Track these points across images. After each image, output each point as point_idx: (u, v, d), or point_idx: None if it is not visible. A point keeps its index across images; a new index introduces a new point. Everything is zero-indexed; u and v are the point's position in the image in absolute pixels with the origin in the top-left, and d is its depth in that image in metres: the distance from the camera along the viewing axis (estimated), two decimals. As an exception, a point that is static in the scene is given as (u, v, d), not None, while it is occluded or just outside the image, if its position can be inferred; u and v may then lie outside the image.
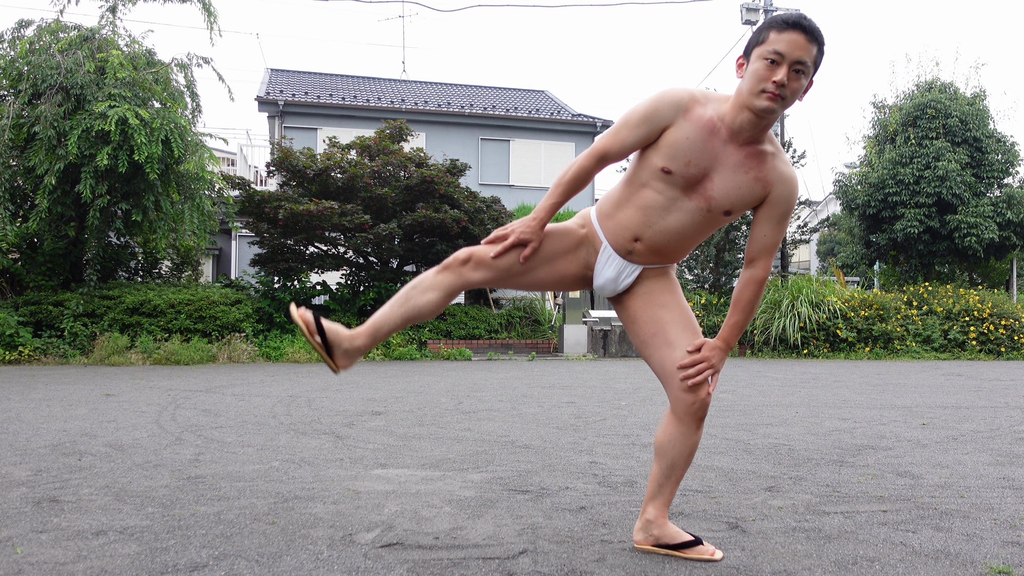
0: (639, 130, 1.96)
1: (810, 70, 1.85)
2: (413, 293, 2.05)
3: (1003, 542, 2.18)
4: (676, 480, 2.09)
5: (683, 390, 2.01)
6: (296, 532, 2.26)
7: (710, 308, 13.15)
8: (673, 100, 1.94)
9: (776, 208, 2.00)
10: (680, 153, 1.94)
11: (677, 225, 2.01)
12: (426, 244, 12.31)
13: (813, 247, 27.61)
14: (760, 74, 1.84)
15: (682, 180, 1.96)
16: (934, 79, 15.79)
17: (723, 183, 1.96)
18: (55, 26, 10.58)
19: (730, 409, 5.37)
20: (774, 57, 1.83)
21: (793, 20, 1.83)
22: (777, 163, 1.98)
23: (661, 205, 2.00)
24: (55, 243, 10.70)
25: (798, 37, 1.82)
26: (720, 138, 1.93)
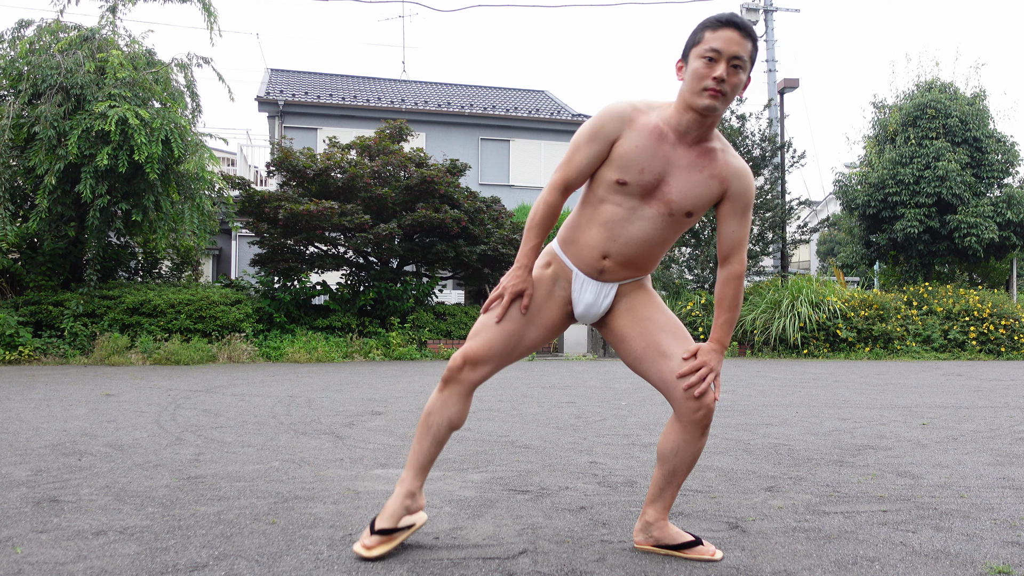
0: (591, 150, 1.99)
1: (747, 64, 1.91)
2: (432, 420, 2.07)
3: (1003, 542, 2.18)
4: (678, 485, 2.08)
5: (688, 399, 1.99)
6: (296, 532, 2.26)
7: (710, 308, 13.15)
8: (616, 113, 1.97)
9: (737, 202, 2.03)
10: (632, 163, 1.96)
11: (642, 234, 2.02)
12: (426, 244, 12.32)
13: (813, 247, 27.61)
14: (700, 73, 1.89)
15: (639, 189, 1.98)
16: (934, 79, 15.79)
17: (679, 185, 1.98)
18: (55, 26, 10.58)
19: (730, 409, 5.37)
20: (712, 55, 1.87)
21: (726, 19, 1.89)
22: (728, 158, 2.01)
23: (622, 217, 2.02)
24: (55, 243, 10.70)
25: (732, 34, 1.87)
26: (669, 142, 1.96)
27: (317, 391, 6.47)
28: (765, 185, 14.16)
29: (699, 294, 13.36)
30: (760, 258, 14.03)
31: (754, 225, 14.04)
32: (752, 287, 13.74)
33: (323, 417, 4.84)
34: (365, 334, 11.68)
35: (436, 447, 2.08)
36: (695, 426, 2.01)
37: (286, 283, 12.12)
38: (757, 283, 13.86)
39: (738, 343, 12.78)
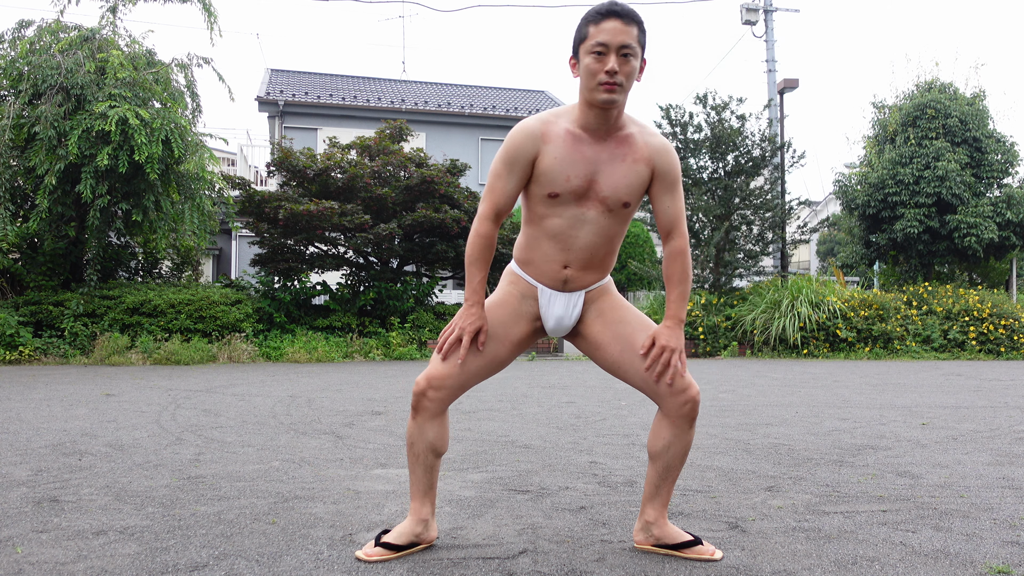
0: (512, 176, 2.00)
1: (637, 50, 1.91)
2: (416, 449, 2.07)
3: (1003, 542, 2.18)
4: (672, 481, 2.09)
5: (672, 393, 2.00)
6: (296, 532, 2.26)
7: (710, 308, 13.15)
8: (527, 133, 1.98)
9: (665, 178, 2.04)
10: (557, 174, 1.98)
11: (591, 236, 2.04)
12: (426, 244, 12.32)
13: (813, 247, 27.61)
14: (591, 68, 1.90)
15: (571, 196, 2.00)
16: (934, 79, 15.79)
17: (608, 180, 2.00)
18: (55, 26, 10.58)
19: (730, 409, 5.37)
20: (599, 49, 1.89)
21: (606, 9, 1.90)
22: (647, 138, 2.03)
23: (567, 226, 2.03)
24: (55, 243, 10.71)
25: (615, 24, 1.88)
26: (585, 142, 1.99)
27: (317, 391, 6.47)
28: (765, 185, 14.15)
29: (699, 294, 13.35)
30: (760, 258, 14.02)
31: (754, 225, 14.03)
32: (752, 287, 13.74)
33: (323, 417, 4.84)
34: (365, 334, 11.68)
35: (430, 473, 2.09)
36: (683, 419, 2.01)
37: (286, 283, 12.12)
38: (757, 283, 13.85)
39: (738, 343, 12.78)
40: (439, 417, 2.06)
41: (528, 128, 1.99)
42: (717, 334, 12.83)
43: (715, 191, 13.82)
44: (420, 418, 2.05)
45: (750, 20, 16.69)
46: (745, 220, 13.93)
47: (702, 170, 14.02)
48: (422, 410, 2.04)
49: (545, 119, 2.01)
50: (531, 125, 1.99)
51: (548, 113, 2.03)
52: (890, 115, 15.67)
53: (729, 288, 13.90)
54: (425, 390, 2.03)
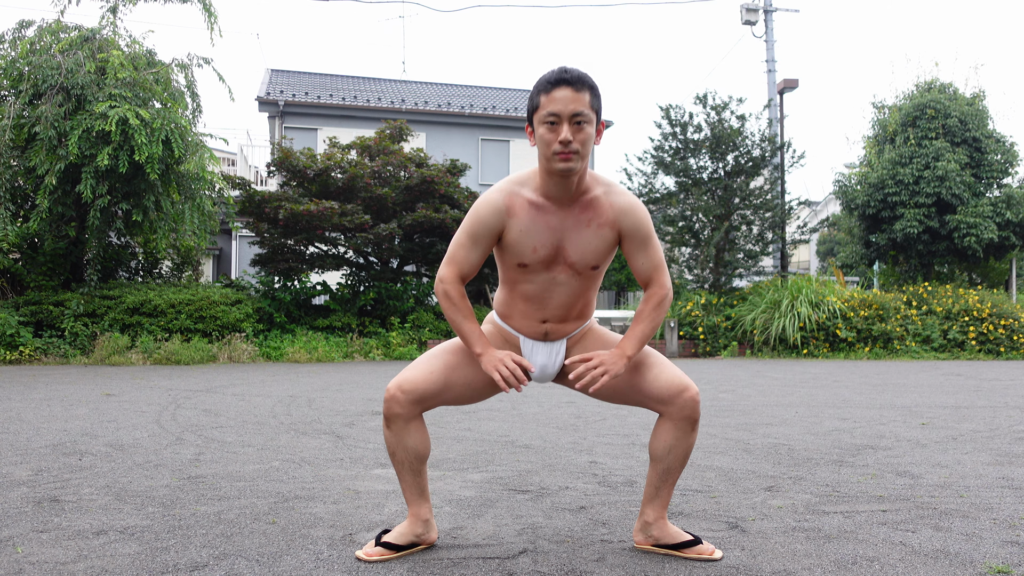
0: (476, 248, 2.01)
1: (591, 116, 1.88)
2: (399, 457, 2.06)
3: (1002, 542, 2.18)
4: (672, 483, 2.09)
5: (670, 400, 2.00)
6: (296, 532, 2.27)
7: (710, 308, 13.15)
8: (492, 209, 1.98)
9: (635, 237, 2.02)
10: (524, 246, 1.99)
11: (565, 296, 2.06)
12: (426, 244, 12.32)
13: (813, 247, 27.61)
14: (546, 139, 1.89)
15: (540, 264, 2.01)
16: (933, 79, 15.79)
17: (574, 247, 2.00)
18: (56, 26, 10.59)
19: (730, 409, 5.37)
20: (552, 119, 1.87)
21: (555, 78, 1.87)
22: (611, 199, 2.00)
23: (540, 289, 2.05)
24: (56, 243, 10.71)
25: (566, 92, 1.86)
26: (549, 211, 1.98)
27: (317, 391, 6.47)
28: (765, 185, 14.16)
29: (699, 294, 13.36)
30: (760, 258, 14.03)
31: (754, 225, 14.04)
32: (752, 287, 13.74)
33: (323, 417, 4.84)
34: (365, 334, 11.69)
35: (418, 476, 2.09)
36: (684, 421, 2.02)
37: (286, 283, 12.13)
38: (757, 283, 13.85)
39: (738, 343, 12.78)
40: (414, 422, 2.04)
41: (493, 203, 1.98)
42: (717, 334, 12.83)
43: (715, 191, 13.82)
44: (395, 426, 2.03)
45: (750, 20, 16.70)
46: (745, 220, 13.93)
47: (702, 170, 14.02)
48: (394, 417, 2.02)
49: (509, 190, 1.99)
50: (496, 200, 1.98)
51: (511, 182, 2.02)
52: (890, 115, 15.67)
53: (729, 288, 13.90)
54: (395, 394, 2.00)
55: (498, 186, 2.03)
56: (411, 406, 2.02)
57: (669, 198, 14.10)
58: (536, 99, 1.91)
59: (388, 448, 2.07)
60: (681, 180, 13.99)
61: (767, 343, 12.49)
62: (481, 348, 2.00)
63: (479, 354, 2.00)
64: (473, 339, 2.01)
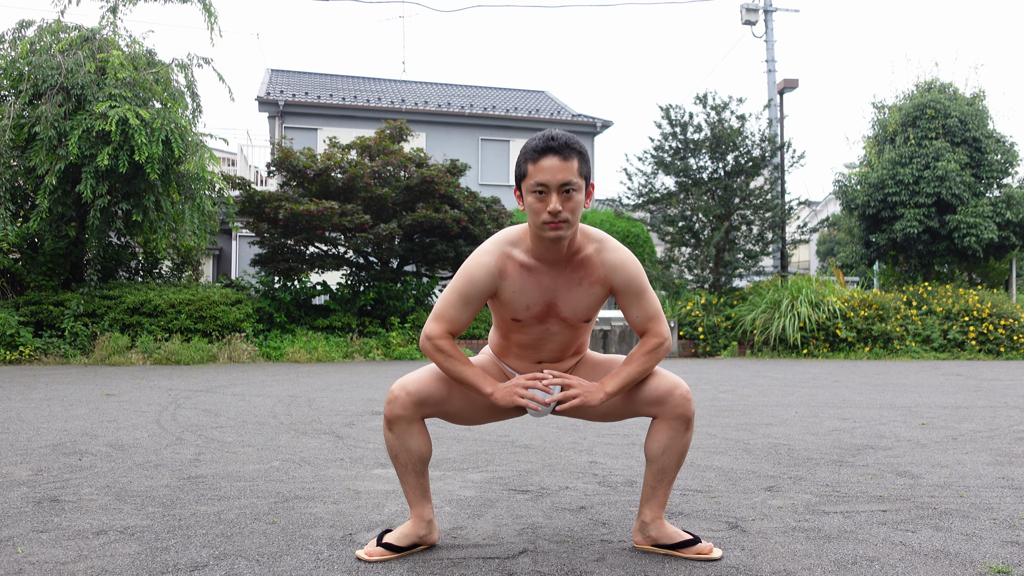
0: (467, 308, 2.01)
1: (580, 183, 1.88)
2: (401, 459, 2.06)
3: (1002, 542, 2.18)
4: (668, 482, 2.09)
5: (662, 401, 2.02)
6: (296, 532, 2.27)
7: (710, 308, 13.15)
8: (485, 272, 1.98)
9: (627, 291, 2.02)
10: (517, 304, 2.01)
11: (558, 342, 2.10)
12: (426, 244, 12.32)
13: (813, 247, 27.61)
14: (535, 207, 1.88)
15: (533, 318, 2.03)
16: (933, 79, 15.79)
17: (566, 304, 2.02)
18: (56, 26, 10.59)
19: (730, 409, 5.37)
20: (540, 189, 1.86)
21: (543, 146, 1.85)
22: (603, 257, 2.00)
23: (534, 339, 2.09)
24: (56, 243, 10.71)
25: (553, 162, 1.84)
26: (540, 272, 1.99)
27: (317, 391, 6.47)
28: (765, 185, 14.16)
29: (699, 294, 13.36)
30: (760, 258, 14.03)
31: (754, 225, 14.04)
32: (752, 287, 13.74)
33: (323, 417, 4.84)
34: (365, 334, 11.69)
35: (420, 478, 2.09)
36: (678, 420, 2.03)
37: (286, 283, 12.13)
38: (757, 283, 13.85)
39: (738, 343, 12.78)
40: (416, 424, 2.04)
41: (486, 266, 1.98)
42: (717, 334, 12.83)
43: (715, 191, 13.82)
44: (397, 428, 2.03)
45: (750, 20, 16.70)
46: (745, 220, 13.93)
47: (702, 170, 14.02)
48: (396, 419, 2.01)
49: (502, 251, 2.00)
50: (488, 263, 1.98)
51: (504, 241, 2.01)
52: (890, 115, 15.67)
53: (729, 288, 13.90)
54: (398, 395, 2.01)
55: (490, 247, 2.01)
56: (414, 408, 2.02)
57: (669, 198, 14.10)
58: (524, 167, 1.89)
59: (390, 451, 2.07)
60: (681, 180, 13.99)
61: (767, 343, 12.49)
62: (490, 387, 2.00)
63: (490, 393, 1.99)
64: (478, 382, 2.00)
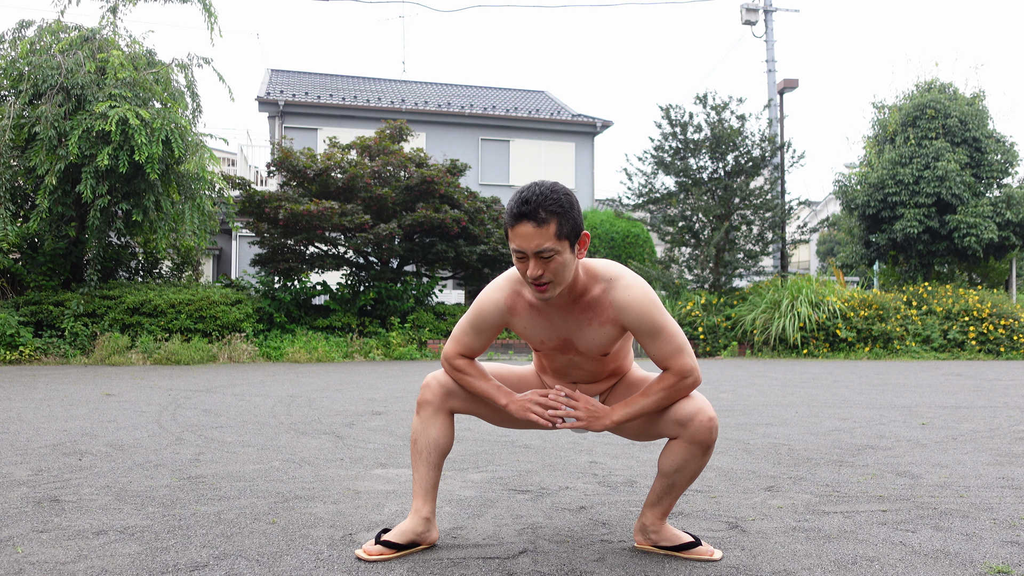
0: (479, 337, 2.06)
1: (558, 246, 1.80)
2: (419, 445, 2.08)
3: (1002, 542, 2.18)
4: (676, 496, 2.07)
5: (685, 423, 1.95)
6: (296, 532, 2.27)
7: (710, 308, 13.15)
8: (494, 308, 2.01)
9: (640, 330, 1.94)
10: (531, 338, 2.04)
11: (587, 370, 2.10)
12: (426, 244, 12.32)
13: (813, 247, 27.61)
14: (519, 268, 1.88)
15: (553, 350, 2.05)
16: (933, 79, 15.79)
17: (581, 341, 2.01)
18: (56, 26, 10.59)
19: (730, 409, 5.37)
20: (519, 255, 1.83)
21: (516, 211, 1.78)
22: (612, 296, 1.94)
23: (561, 365, 2.11)
24: (56, 243, 10.71)
25: (527, 228, 1.78)
26: (548, 312, 1.99)
27: (317, 391, 6.47)
28: (765, 185, 14.16)
29: (699, 294, 13.36)
30: (760, 258, 14.03)
31: (754, 225, 14.04)
32: (752, 287, 13.74)
33: (323, 417, 4.84)
34: (365, 334, 11.69)
35: (433, 471, 2.09)
36: (698, 446, 1.96)
37: (286, 283, 12.13)
38: (757, 283, 13.85)
39: (738, 343, 12.78)
40: (442, 415, 2.09)
41: (495, 303, 2.01)
42: (717, 334, 12.83)
43: (715, 191, 13.82)
44: (423, 414, 2.08)
45: (750, 20, 16.70)
46: (745, 220, 13.93)
47: (702, 170, 14.02)
48: (425, 404, 2.07)
49: (513, 288, 2.00)
50: (498, 300, 2.00)
51: (514, 280, 2.01)
52: (890, 115, 15.67)
53: (729, 288, 13.90)
54: (430, 382, 2.09)
55: (502, 283, 2.03)
56: (443, 397, 2.07)
57: (669, 198, 14.10)
58: (505, 228, 1.87)
59: (412, 436, 2.11)
60: (681, 180, 13.99)
61: (767, 343, 12.49)
62: (506, 399, 2.02)
63: (505, 405, 2.01)
64: (494, 395, 2.04)
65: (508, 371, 2.23)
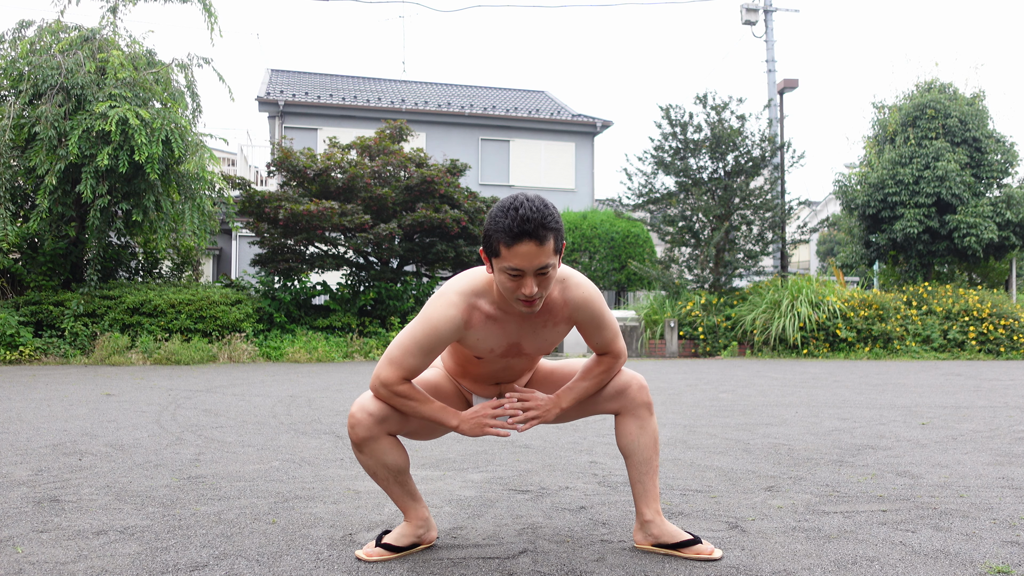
0: (426, 359, 1.93)
1: (555, 257, 1.81)
2: (380, 475, 2.03)
3: (1002, 542, 2.18)
4: (653, 473, 2.10)
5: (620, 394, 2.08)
6: (296, 532, 2.27)
7: (710, 308, 13.15)
8: (450, 327, 1.89)
9: (589, 325, 2.02)
10: (480, 349, 1.99)
11: (517, 371, 2.12)
12: (426, 244, 12.32)
13: (813, 247, 27.62)
14: (508, 286, 1.82)
15: (496, 357, 2.03)
16: (933, 79, 15.79)
17: (531, 344, 2.02)
18: (56, 26, 10.59)
19: (730, 409, 5.37)
20: (515, 273, 1.78)
21: (518, 230, 1.73)
22: (567, 296, 1.96)
23: (493, 370, 2.08)
24: (56, 243, 10.71)
25: (528, 248, 1.74)
26: (506, 321, 1.96)
27: (317, 391, 6.47)
28: (765, 185, 14.16)
29: (699, 294, 13.36)
30: (760, 258, 14.03)
31: (754, 225, 14.04)
32: (752, 287, 13.74)
33: (323, 417, 4.84)
34: (365, 334, 11.69)
35: (404, 486, 2.06)
36: (641, 408, 2.09)
37: (286, 283, 12.13)
38: (757, 283, 13.86)
39: (738, 343, 12.78)
40: (385, 439, 1.99)
41: (451, 319, 1.89)
42: (717, 334, 12.83)
43: (715, 191, 13.82)
44: (367, 449, 1.97)
45: (750, 20, 16.70)
46: (745, 220, 13.93)
47: (702, 170, 14.03)
48: (363, 441, 1.96)
49: (468, 302, 1.92)
50: (454, 316, 1.89)
51: (469, 292, 1.93)
52: (890, 115, 15.67)
53: (729, 288, 13.90)
54: (360, 418, 1.94)
55: (455, 299, 1.91)
56: (377, 427, 1.96)
57: (669, 198, 14.10)
58: (496, 246, 1.77)
59: (367, 471, 2.02)
60: (681, 180, 13.99)
61: (767, 343, 12.49)
62: (455, 420, 1.97)
63: (456, 426, 1.97)
64: (443, 417, 1.96)
65: (422, 383, 2.10)
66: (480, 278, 1.95)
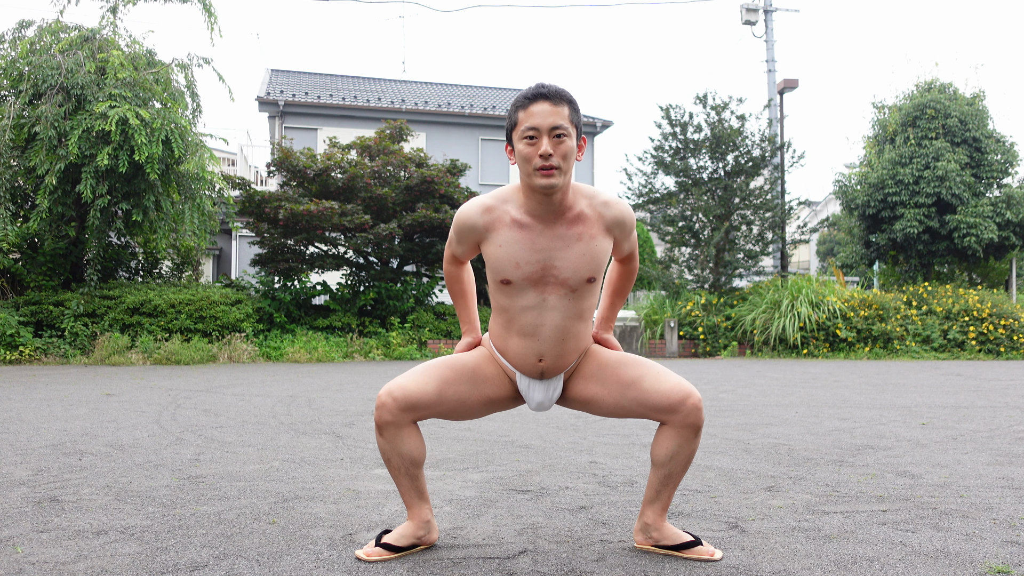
0: (461, 246, 2.08)
1: (571, 130, 1.88)
2: (393, 463, 2.04)
3: (1002, 541, 2.18)
4: (673, 487, 2.08)
5: (672, 409, 1.98)
6: (296, 532, 2.27)
7: (710, 308, 13.14)
8: (469, 225, 1.99)
9: (624, 231, 2.04)
10: (505, 262, 1.95)
11: (558, 323, 2.00)
12: (426, 244, 12.32)
13: (813, 247, 27.61)
14: (526, 154, 1.87)
15: (527, 282, 1.96)
16: (933, 79, 15.79)
17: (566, 263, 1.95)
18: (56, 26, 10.59)
19: (730, 409, 5.37)
20: (531, 134, 1.86)
21: (533, 93, 1.87)
22: (599, 209, 1.98)
23: (532, 316, 1.99)
24: (56, 243, 10.71)
25: (544, 106, 1.86)
26: (533, 230, 1.94)
27: (317, 391, 6.47)
28: (765, 185, 14.16)
29: (699, 294, 13.35)
30: (760, 258, 14.03)
31: (754, 225, 14.04)
32: (752, 287, 13.74)
33: (323, 417, 4.84)
34: (365, 334, 11.69)
35: (414, 480, 2.06)
36: (688, 429, 1.99)
37: (286, 283, 12.13)
38: (757, 283, 13.86)
39: (738, 343, 12.78)
40: (407, 428, 2.00)
41: (469, 220, 1.98)
42: (717, 334, 12.83)
43: (715, 191, 13.82)
44: (387, 433, 2.00)
45: (750, 20, 16.70)
46: (745, 220, 13.93)
47: (702, 170, 14.03)
48: (385, 425, 1.98)
49: (490, 205, 1.96)
50: (472, 216, 1.97)
51: (494, 197, 1.98)
52: (890, 115, 15.67)
53: (729, 288, 13.90)
54: (385, 401, 1.97)
55: (479, 198, 1.99)
56: (401, 413, 1.98)
57: (669, 198, 14.10)
58: (514, 116, 1.90)
59: (382, 455, 2.05)
60: (681, 180, 13.99)
61: (767, 343, 12.49)
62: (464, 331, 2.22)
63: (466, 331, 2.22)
64: (466, 318, 2.23)
65: (460, 366, 2.08)
66: (506, 188, 2.02)
